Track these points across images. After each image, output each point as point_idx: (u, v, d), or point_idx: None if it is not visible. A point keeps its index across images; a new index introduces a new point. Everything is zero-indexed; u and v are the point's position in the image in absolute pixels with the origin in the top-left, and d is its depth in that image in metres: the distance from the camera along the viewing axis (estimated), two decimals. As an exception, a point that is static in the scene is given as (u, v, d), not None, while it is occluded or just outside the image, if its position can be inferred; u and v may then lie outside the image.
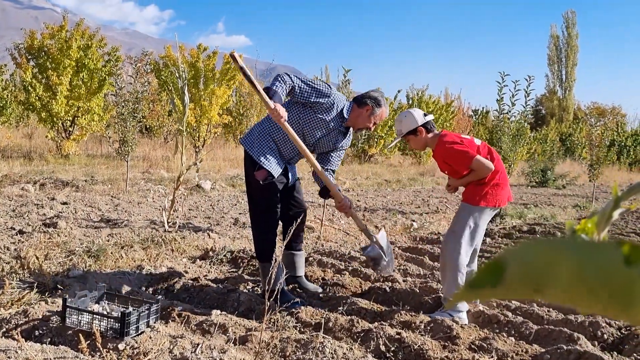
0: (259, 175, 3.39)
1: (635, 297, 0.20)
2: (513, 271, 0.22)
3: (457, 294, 0.25)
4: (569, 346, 2.75)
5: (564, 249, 0.21)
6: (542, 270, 0.21)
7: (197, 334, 2.83)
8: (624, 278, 0.20)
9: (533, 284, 0.21)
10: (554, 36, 40.45)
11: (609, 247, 0.21)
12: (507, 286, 0.22)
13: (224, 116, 13.86)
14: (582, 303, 0.21)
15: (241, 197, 8.27)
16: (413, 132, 3.45)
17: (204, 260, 4.53)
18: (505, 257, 0.22)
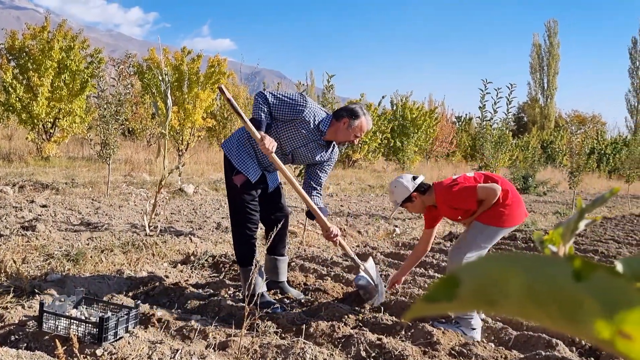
0: (237, 180, 3.40)
1: (584, 312, 0.20)
2: (467, 286, 0.22)
3: (413, 308, 0.25)
4: (548, 352, 2.78)
5: (515, 263, 0.22)
6: (495, 285, 0.22)
7: (176, 340, 2.80)
8: (573, 294, 0.20)
9: (486, 298, 0.22)
10: (536, 45, 41.02)
11: (559, 263, 0.21)
12: (461, 300, 0.22)
13: (208, 120, 13.82)
14: (533, 317, 0.22)
15: (224, 202, 8.24)
16: (408, 200, 3.41)
17: (185, 265, 4.49)
18: (460, 272, 0.23)
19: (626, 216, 10.73)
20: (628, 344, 0.20)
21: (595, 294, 0.20)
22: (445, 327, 3.16)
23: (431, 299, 0.23)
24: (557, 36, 40.71)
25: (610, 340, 0.20)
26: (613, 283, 0.20)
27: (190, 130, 12.83)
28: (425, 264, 5.01)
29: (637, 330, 0.19)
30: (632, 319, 0.19)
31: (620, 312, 0.20)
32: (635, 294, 0.19)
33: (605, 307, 0.20)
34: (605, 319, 0.20)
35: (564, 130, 29.97)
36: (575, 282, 0.20)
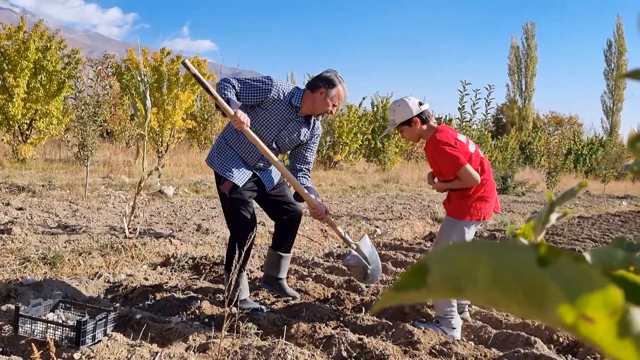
0: (224, 188, 3.35)
1: (548, 297, 0.21)
2: (435, 274, 0.22)
3: (382, 298, 0.25)
4: (526, 350, 2.81)
5: (481, 251, 0.22)
6: (463, 273, 0.22)
7: (156, 343, 2.77)
8: (537, 279, 0.21)
9: (454, 286, 0.22)
10: (514, 47, 41.57)
11: (524, 249, 0.21)
12: (430, 288, 0.23)
13: (188, 121, 13.72)
14: (500, 303, 0.22)
15: (204, 203, 8.18)
16: (407, 123, 3.23)
17: (165, 267, 4.45)
18: (428, 260, 0.23)
19: (602, 215, 10.93)
20: (591, 328, 0.20)
21: (559, 279, 0.20)
22: (425, 327, 3.15)
23: (400, 288, 0.24)
24: (535, 38, 41.32)
25: (574, 325, 0.20)
26: (576, 268, 0.20)
27: (170, 131, 12.72)
28: (406, 264, 5.04)
29: (599, 314, 0.20)
30: (594, 303, 0.20)
31: (582, 296, 0.20)
32: (597, 278, 0.20)
33: (568, 291, 0.20)
34: (569, 304, 0.20)
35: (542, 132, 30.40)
36: (540, 268, 0.21)
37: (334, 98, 3.30)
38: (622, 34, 40.72)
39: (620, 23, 41.04)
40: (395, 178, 15.17)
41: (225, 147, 3.40)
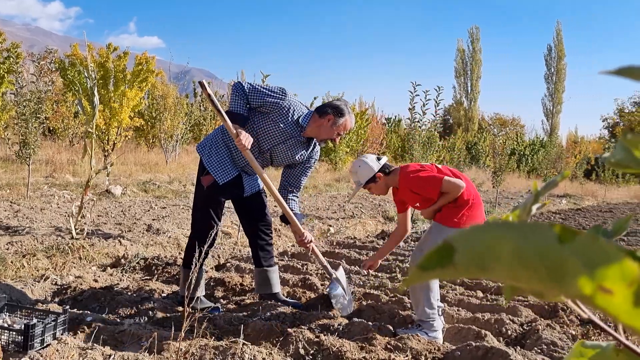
0: (204, 181, 3.30)
1: (568, 272, 0.22)
2: (461, 252, 0.24)
3: (409, 277, 0.26)
4: (477, 343, 2.91)
5: (504, 230, 0.23)
6: (487, 251, 0.23)
7: (109, 345, 2.70)
8: (558, 255, 0.22)
9: (479, 264, 0.24)
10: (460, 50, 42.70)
11: (544, 228, 0.23)
12: (456, 267, 0.24)
13: (136, 119, 13.38)
14: (522, 279, 0.24)
15: (154, 203, 8.01)
16: (372, 180, 3.32)
17: (115, 268, 4.33)
18: (453, 240, 0.25)
19: (544, 213, 11.39)
20: (608, 299, 0.22)
21: (578, 254, 0.22)
22: (409, 333, 3.11)
23: (426, 267, 0.25)
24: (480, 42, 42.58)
25: (591, 296, 0.22)
26: (594, 244, 0.22)
27: (116, 129, 12.37)
28: (359, 261, 5.10)
29: (616, 285, 0.22)
30: (612, 275, 0.22)
31: (600, 269, 0.22)
32: (614, 252, 0.22)
33: (587, 265, 0.22)
34: (588, 277, 0.22)
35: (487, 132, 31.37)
36: (560, 245, 0.23)
37: (339, 127, 3.31)
38: (561, 40, 42.54)
39: (560, 29, 42.86)
40: (346, 177, 15.31)
41: (219, 142, 3.33)
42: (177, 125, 15.84)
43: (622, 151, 0.43)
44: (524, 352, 2.89)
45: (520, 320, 3.51)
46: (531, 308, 3.79)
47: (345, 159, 14.76)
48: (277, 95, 3.21)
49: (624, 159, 0.43)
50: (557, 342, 3.03)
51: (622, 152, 0.43)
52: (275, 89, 3.23)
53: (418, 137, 8.73)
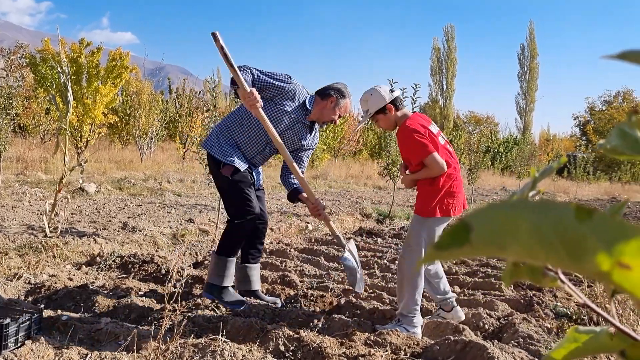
0: (225, 172, 3.23)
1: (586, 249, 0.23)
2: (479, 232, 0.24)
3: (425, 256, 0.26)
4: (456, 337, 2.94)
5: (522, 209, 0.23)
6: (504, 229, 0.23)
7: (85, 344, 2.65)
8: (576, 232, 0.23)
9: (497, 243, 0.24)
10: (435, 48, 43.05)
11: (562, 206, 0.23)
12: (473, 246, 0.24)
13: (110, 116, 13.19)
14: (539, 257, 0.24)
15: (129, 201, 7.90)
16: (382, 111, 3.18)
17: (90, 267, 4.26)
18: (470, 219, 0.24)
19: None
20: (625, 274, 0.22)
21: (596, 231, 0.22)
22: (389, 328, 3.12)
23: (442, 246, 0.25)
24: (455, 41, 42.98)
25: (608, 272, 0.23)
26: (612, 222, 0.22)
27: (90, 126, 12.16)
28: (338, 258, 5.11)
29: (634, 260, 0.22)
30: (630, 251, 0.22)
31: (618, 245, 0.22)
32: (632, 229, 0.22)
33: (605, 242, 0.22)
34: (606, 253, 0.22)
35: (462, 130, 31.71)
36: (578, 222, 0.23)
37: (341, 109, 3.36)
38: (534, 39, 43.21)
39: (533, 28, 43.54)
40: (323, 175, 15.33)
41: (226, 135, 3.29)
42: (152, 122, 15.65)
43: (617, 137, 0.44)
44: (502, 345, 2.94)
45: (497, 314, 3.56)
46: (507, 302, 3.85)
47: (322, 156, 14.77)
48: (282, 79, 3.22)
49: (619, 145, 0.44)
50: (533, 336, 3.08)
51: (618, 139, 0.44)
52: (280, 74, 3.23)
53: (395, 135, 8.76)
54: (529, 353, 2.86)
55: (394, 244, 6.04)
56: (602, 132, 29.75)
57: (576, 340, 0.47)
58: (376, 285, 4.19)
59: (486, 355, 2.67)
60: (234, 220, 3.30)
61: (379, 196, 11.70)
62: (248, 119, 3.27)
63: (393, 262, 4.97)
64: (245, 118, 3.28)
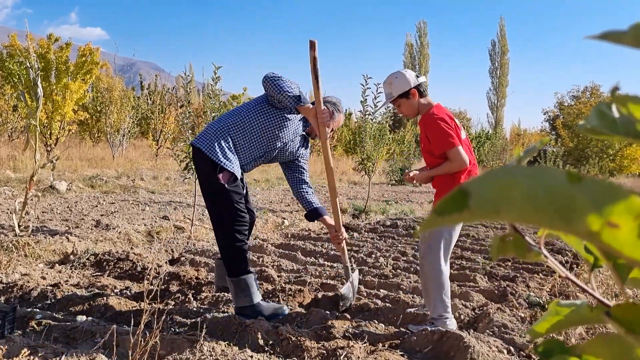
0: (223, 179, 3.05)
1: (577, 210, 0.24)
2: (476, 197, 0.25)
3: (425, 222, 0.27)
4: (432, 326, 2.99)
5: (517, 174, 0.25)
6: (500, 194, 0.25)
7: (61, 343, 2.62)
8: (567, 195, 0.24)
9: (493, 207, 0.25)
10: (408, 44, 43.36)
11: (555, 171, 0.25)
12: (471, 211, 0.25)
13: (80, 113, 12.95)
14: (533, 220, 0.25)
15: (102, 198, 7.78)
16: (405, 95, 3.07)
17: (63, 265, 4.19)
18: (467, 185, 0.26)
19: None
20: (614, 233, 0.24)
21: (587, 193, 0.24)
22: (419, 329, 3.00)
23: (442, 212, 0.26)
24: (427, 37, 43.37)
25: (598, 232, 0.24)
26: (602, 184, 0.24)
27: (59, 123, 11.92)
28: (315, 253, 5.13)
29: (623, 219, 0.23)
30: (619, 211, 0.23)
31: (608, 205, 0.24)
32: (621, 190, 0.23)
33: (595, 203, 0.24)
34: (596, 213, 0.24)
35: (435, 126, 32.01)
36: (570, 185, 0.24)
37: (335, 123, 3.32)
38: (504, 35, 43.88)
39: (503, 24, 44.20)
40: (298, 171, 15.32)
41: (225, 137, 3.12)
42: (123, 119, 15.41)
43: (596, 118, 0.45)
44: (477, 334, 2.99)
45: (472, 305, 3.63)
46: (482, 293, 3.92)
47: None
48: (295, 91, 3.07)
49: (598, 125, 0.45)
50: (507, 324, 3.15)
51: (597, 119, 0.45)
52: (293, 84, 3.08)
53: (369, 130, 8.81)
54: (503, 341, 2.92)
55: (369, 238, 6.08)
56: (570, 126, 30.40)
57: (558, 313, 0.49)
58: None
59: (462, 344, 2.72)
60: (223, 233, 3.13)
61: (354, 191, 11.76)
62: (250, 124, 3.13)
63: (369, 256, 5.01)
64: (247, 123, 3.13)
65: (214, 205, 3.13)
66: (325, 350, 2.72)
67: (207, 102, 6.02)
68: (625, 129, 0.46)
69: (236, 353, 2.56)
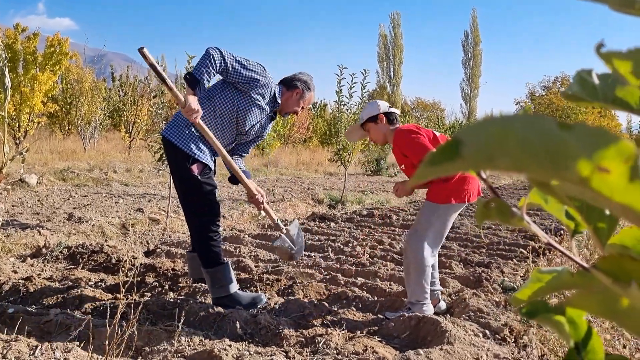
0: (196, 170, 3.00)
1: (568, 156, 0.24)
2: (469, 146, 0.25)
3: (417, 173, 0.27)
4: (409, 312, 3.02)
5: (510, 122, 0.25)
6: (493, 142, 0.25)
7: (35, 336, 2.57)
8: (559, 141, 0.24)
9: (487, 156, 0.25)
10: (382, 35, 43.43)
11: (547, 119, 0.25)
12: (464, 159, 0.25)
13: (49, 104, 12.64)
14: (525, 167, 0.25)
15: (74, 192, 7.64)
16: (373, 119, 3.23)
17: (36, 259, 4.11)
18: (460, 134, 0.26)
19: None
20: (604, 179, 0.24)
21: (578, 139, 0.24)
22: (397, 316, 3.03)
23: (434, 162, 0.26)
24: (401, 27, 43.49)
25: (588, 177, 0.24)
26: (593, 130, 0.24)
27: (28, 116, 11.63)
28: (292, 243, 5.13)
29: (613, 163, 0.24)
30: (609, 155, 0.24)
31: (599, 150, 0.24)
32: (611, 135, 0.24)
33: (586, 148, 0.24)
34: (586, 158, 0.24)
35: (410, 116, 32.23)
36: (562, 131, 0.24)
37: (305, 101, 3.27)
38: (477, 26, 44.29)
39: (475, 15, 44.60)
40: (274, 162, 15.28)
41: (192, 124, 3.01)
42: (95, 111, 15.10)
43: (577, 84, 0.46)
44: (454, 319, 3.04)
45: (448, 290, 3.68)
46: (458, 279, 3.98)
47: (272, 144, 14.70)
48: (256, 70, 3.02)
49: (579, 91, 0.46)
50: (482, 309, 3.20)
51: (578, 85, 0.46)
52: (254, 63, 3.03)
53: (345, 120, 8.81)
54: (479, 325, 2.97)
55: (346, 228, 6.11)
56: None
57: (539, 280, 0.50)
58: (331, 267, 4.24)
59: (439, 329, 2.76)
60: (196, 225, 3.10)
61: (330, 182, 11.78)
62: (219, 110, 3.06)
63: (346, 245, 5.03)
64: (216, 109, 3.06)
65: (186, 196, 3.09)
66: (304, 338, 2.73)
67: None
68: (604, 95, 0.47)
69: (215, 343, 2.55)
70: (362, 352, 2.52)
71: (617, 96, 0.47)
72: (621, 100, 0.47)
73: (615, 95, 0.47)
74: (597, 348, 0.41)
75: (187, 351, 2.45)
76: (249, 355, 2.43)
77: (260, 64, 3.06)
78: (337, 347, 2.58)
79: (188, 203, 3.10)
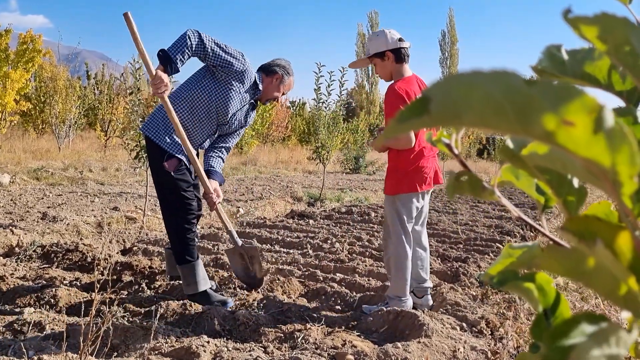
0: (170, 166, 2.96)
1: (533, 111, 0.24)
2: (436, 102, 0.25)
3: (386, 130, 0.27)
4: (387, 307, 3.04)
5: (476, 78, 0.25)
6: (460, 98, 0.25)
7: (7, 336, 2.51)
8: (525, 96, 0.24)
9: (453, 112, 0.25)
10: (360, 34, 43.57)
11: (513, 74, 0.25)
12: (431, 115, 0.25)
13: (22, 103, 12.39)
14: (491, 124, 0.25)
15: (48, 191, 7.51)
16: (380, 56, 3.00)
17: (8, 258, 4.02)
18: (428, 91, 0.26)
19: (443, 189, 12.01)
20: (569, 132, 0.24)
21: (543, 94, 0.24)
22: (375, 310, 3.03)
23: (403, 118, 0.26)
24: (379, 26, 43.65)
25: (554, 132, 0.24)
26: (558, 85, 0.24)
27: (0, 114, 11.40)
28: (271, 240, 5.12)
29: (577, 116, 0.24)
30: (574, 108, 0.24)
31: (564, 104, 0.24)
32: (576, 90, 0.24)
33: (552, 103, 0.24)
34: (551, 112, 0.24)
35: (388, 115, 32.36)
36: (527, 87, 0.24)
37: (285, 86, 3.25)
38: (454, 25, 44.69)
39: (452, 15, 45.00)
40: (252, 161, 15.22)
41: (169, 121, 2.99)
42: (69, 109, 14.84)
43: (546, 59, 0.46)
44: (431, 313, 3.06)
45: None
46: (435, 274, 4.01)
47: (251, 142, 14.64)
48: (235, 56, 2.98)
49: (548, 66, 0.46)
50: (460, 303, 3.23)
51: (547, 60, 0.46)
52: (235, 51, 2.99)
53: (323, 118, 8.80)
54: (456, 318, 3.00)
55: (325, 225, 6.11)
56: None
57: (510, 255, 0.51)
58: (309, 264, 4.24)
59: (417, 322, 2.78)
60: (170, 221, 3.09)
61: (309, 180, 11.77)
62: (197, 102, 3.02)
63: (325, 242, 5.04)
64: (194, 101, 3.02)
65: (161, 192, 3.09)
66: (282, 334, 2.73)
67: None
68: (573, 70, 0.48)
69: (192, 339, 2.52)
70: (340, 346, 2.53)
71: (585, 72, 0.47)
72: (589, 75, 0.48)
73: (584, 71, 0.47)
74: (565, 313, 0.41)
75: (164, 348, 2.43)
76: (227, 351, 2.41)
77: (239, 51, 3.03)
78: (316, 341, 2.59)
79: (163, 199, 3.10)
